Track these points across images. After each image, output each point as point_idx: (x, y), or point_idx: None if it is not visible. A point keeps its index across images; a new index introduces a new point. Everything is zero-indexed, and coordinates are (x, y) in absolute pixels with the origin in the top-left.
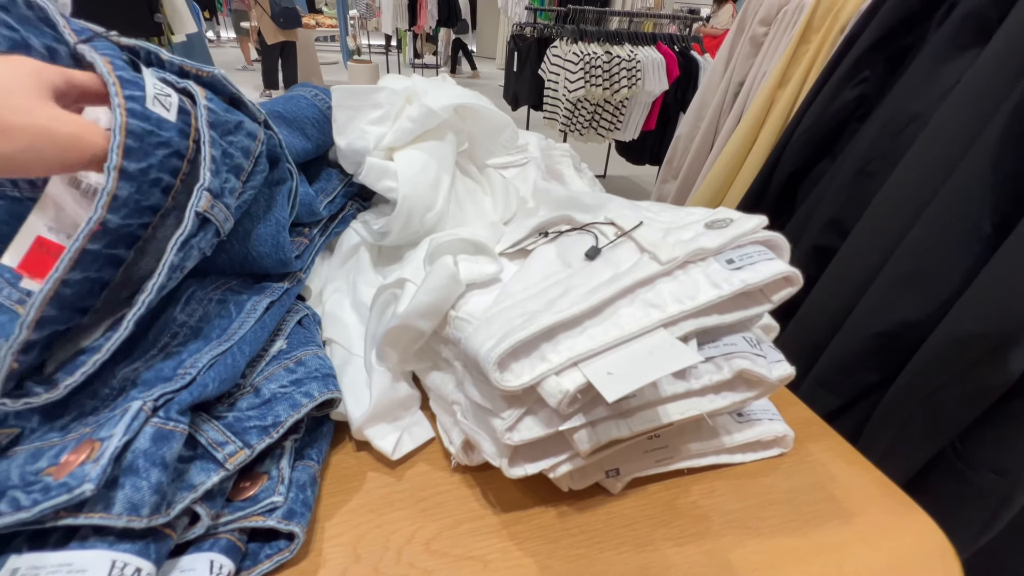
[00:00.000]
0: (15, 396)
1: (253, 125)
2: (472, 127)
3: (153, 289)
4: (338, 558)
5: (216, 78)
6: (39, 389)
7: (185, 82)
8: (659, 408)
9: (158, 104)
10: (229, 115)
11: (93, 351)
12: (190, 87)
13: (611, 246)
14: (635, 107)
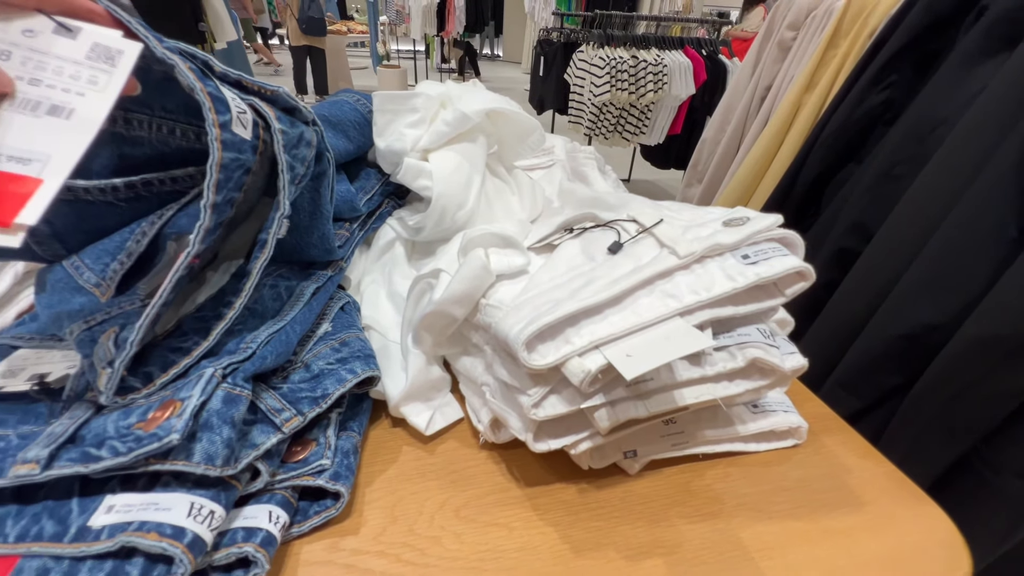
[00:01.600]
0: (120, 392)
1: (309, 132)
2: (502, 130)
3: (240, 307)
4: (377, 518)
5: (279, 94)
6: (137, 383)
7: (250, 98)
8: (675, 392)
9: (239, 124)
10: (293, 129)
11: (183, 352)
12: (258, 106)
13: (632, 241)
14: (661, 111)
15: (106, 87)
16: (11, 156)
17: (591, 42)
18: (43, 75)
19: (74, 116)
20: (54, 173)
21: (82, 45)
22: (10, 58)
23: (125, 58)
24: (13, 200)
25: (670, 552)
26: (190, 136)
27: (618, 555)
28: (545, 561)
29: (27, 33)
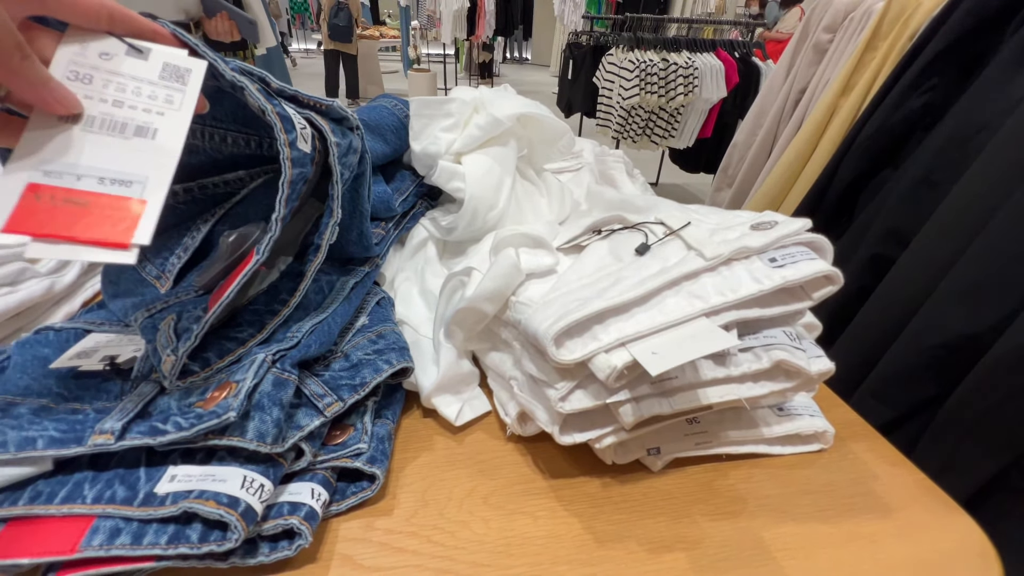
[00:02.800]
0: (181, 376)
1: (356, 140)
2: (532, 134)
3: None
4: (409, 501)
5: (332, 107)
6: (196, 367)
7: (307, 112)
8: (699, 391)
9: (302, 140)
10: (344, 139)
11: (239, 342)
12: (315, 120)
13: (660, 243)
14: (691, 114)
15: (181, 106)
16: (114, 179)
17: (621, 45)
18: (124, 96)
19: (158, 136)
20: (154, 193)
21: (153, 65)
22: (92, 81)
23: (194, 76)
24: (126, 222)
25: (691, 548)
26: (240, 143)
27: (640, 548)
28: (569, 550)
29: (104, 56)
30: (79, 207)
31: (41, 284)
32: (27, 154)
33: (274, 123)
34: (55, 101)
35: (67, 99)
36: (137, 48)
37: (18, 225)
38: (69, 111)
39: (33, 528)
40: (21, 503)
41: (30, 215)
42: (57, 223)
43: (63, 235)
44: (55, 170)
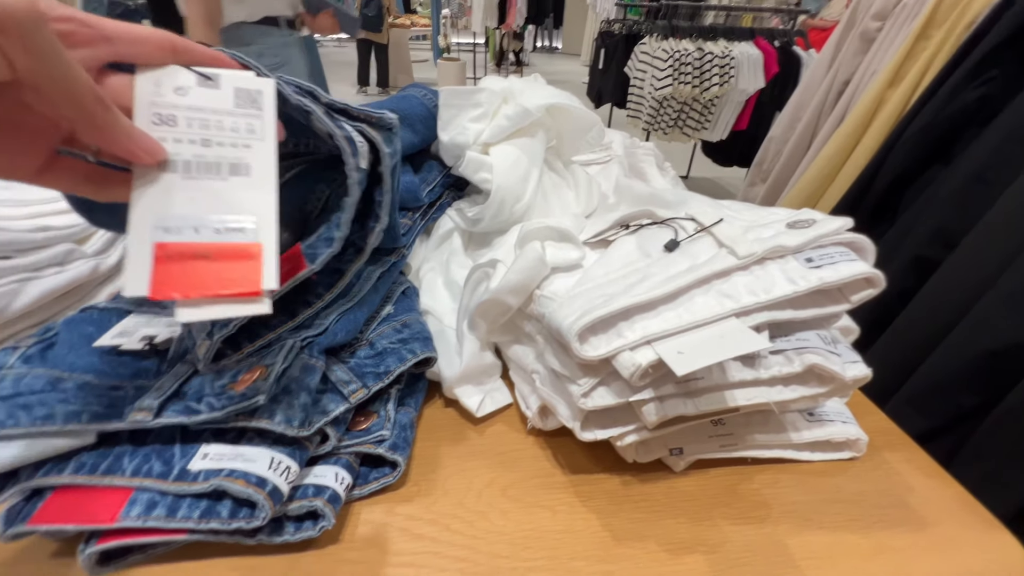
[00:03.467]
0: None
1: (399, 143)
2: (561, 125)
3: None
4: (429, 488)
5: (383, 118)
6: (228, 351)
7: (360, 125)
8: (726, 392)
9: (363, 159)
10: (391, 148)
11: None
12: (368, 133)
13: (690, 240)
14: (726, 106)
15: (264, 135)
16: (228, 227)
17: (655, 34)
18: (210, 133)
19: (252, 171)
20: (266, 235)
21: (226, 93)
22: (176, 122)
23: (266, 99)
24: (251, 269)
25: (712, 550)
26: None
27: (659, 547)
28: (587, 545)
29: (179, 91)
30: (205, 261)
31: (87, 264)
32: (143, 212)
33: (343, 148)
34: (143, 152)
35: (153, 148)
36: (207, 76)
37: (160, 289)
38: (156, 159)
39: (77, 497)
40: (67, 473)
41: (167, 277)
42: (193, 281)
43: (202, 293)
44: (172, 226)
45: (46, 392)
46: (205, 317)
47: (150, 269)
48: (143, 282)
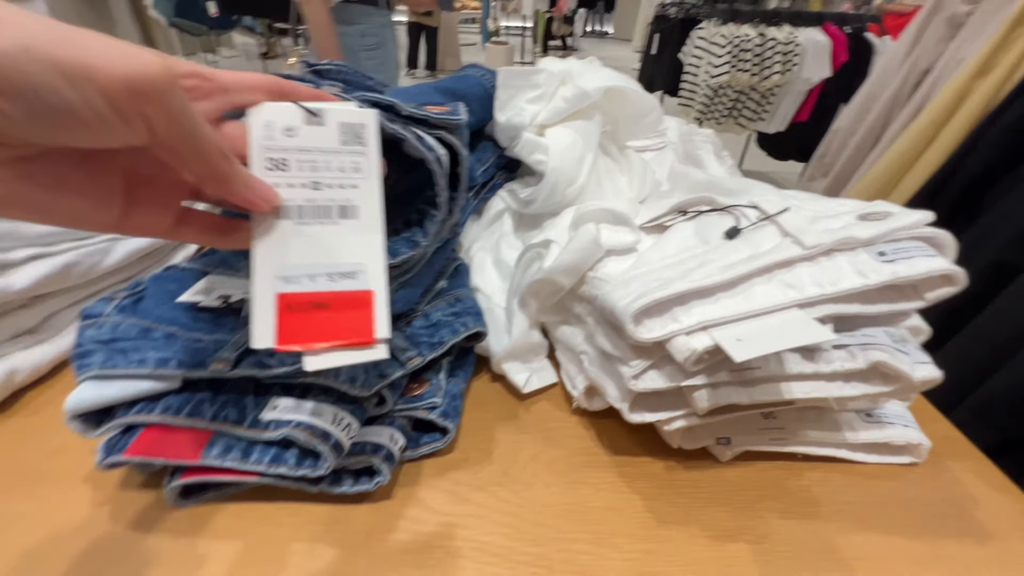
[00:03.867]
0: None
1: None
2: (618, 109)
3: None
4: (476, 458)
5: (460, 124)
6: None
7: (439, 132)
8: (782, 384)
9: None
10: (466, 149)
11: None
12: (448, 140)
13: (752, 228)
14: (786, 95)
15: (369, 173)
16: (341, 273)
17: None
18: (319, 175)
19: (361, 213)
20: (376, 281)
21: (332, 130)
22: (288, 166)
23: (369, 132)
24: (365, 317)
25: (757, 541)
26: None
27: (702, 533)
28: (629, 524)
29: (288, 132)
30: (323, 309)
31: None
32: (263, 263)
33: (435, 171)
34: (261, 200)
35: (270, 196)
36: (313, 112)
37: (287, 339)
38: (272, 205)
39: (164, 435)
40: (156, 413)
41: (289, 328)
42: (313, 331)
43: (323, 342)
44: (291, 275)
45: (139, 339)
46: (328, 365)
47: (275, 321)
48: (269, 334)
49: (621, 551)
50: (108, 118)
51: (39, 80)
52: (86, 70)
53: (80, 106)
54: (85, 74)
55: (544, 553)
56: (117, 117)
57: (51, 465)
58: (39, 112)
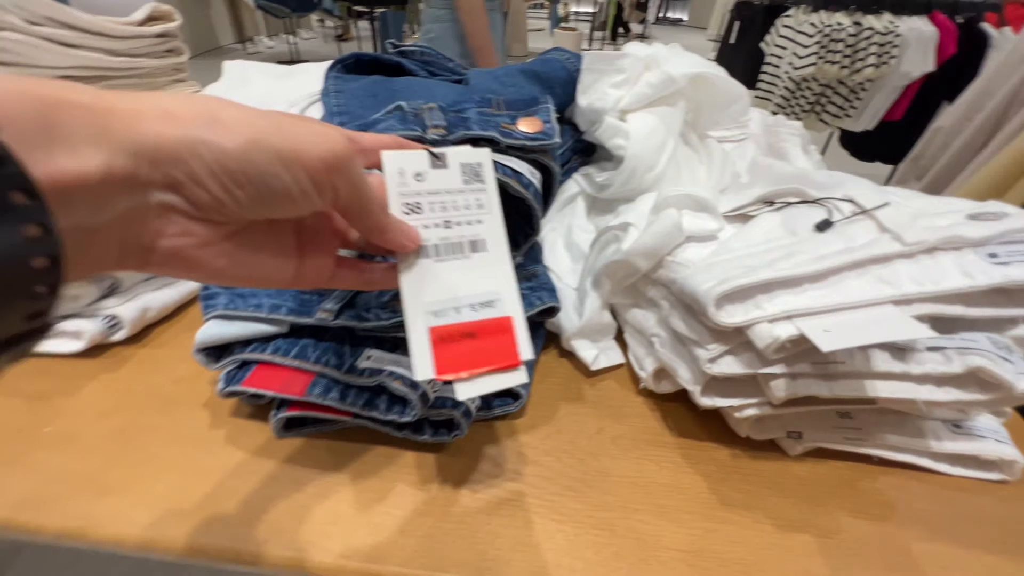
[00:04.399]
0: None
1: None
2: (703, 97)
3: None
4: (544, 426)
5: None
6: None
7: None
8: (867, 381)
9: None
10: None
11: None
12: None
13: (846, 222)
14: (879, 91)
15: (491, 207)
16: (482, 303)
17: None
18: (449, 215)
19: (488, 246)
20: (513, 308)
21: (454, 172)
22: (422, 209)
23: (486, 170)
24: (507, 343)
25: (824, 535)
26: None
27: (767, 520)
28: (691, 502)
29: (418, 177)
30: (471, 338)
31: None
32: (413, 300)
33: (533, 207)
34: (408, 241)
35: (415, 236)
36: (437, 156)
37: (444, 369)
38: (417, 245)
39: (274, 372)
40: (267, 352)
41: (445, 359)
42: (465, 360)
43: (475, 370)
44: (438, 309)
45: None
46: (478, 392)
47: (431, 354)
48: (429, 367)
49: (683, 526)
50: (310, 192)
51: (265, 168)
52: (297, 155)
53: (291, 185)
54: (296, 158)
55: (608, 518)
56: (315, 190)
57: (177, 390)
58: (263, 194)
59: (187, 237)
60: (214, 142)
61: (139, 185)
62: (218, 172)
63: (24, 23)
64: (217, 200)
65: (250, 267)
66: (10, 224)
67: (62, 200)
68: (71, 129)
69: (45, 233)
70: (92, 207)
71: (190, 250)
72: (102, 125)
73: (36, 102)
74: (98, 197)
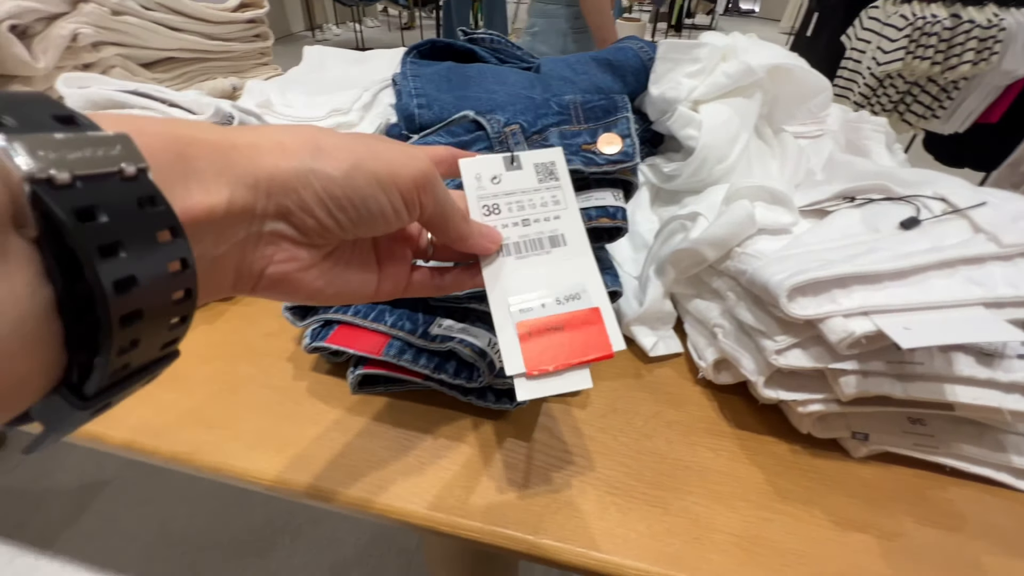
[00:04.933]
0: None
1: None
2: (781, 89)
3: None
4: (600, 405)
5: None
6: None
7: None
8: (947, 385)
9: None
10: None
11: None
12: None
13: (935, 220)
14: (974, 90)
15: (567, 203)
16: (566, 297)
17: None
18: (526, 213)
19: (568, 240)
20: (599, 298)
21: (528, 172)
22: (500, 210)
23: (559, 167)
24: (598, 334)
25: (886, 538)
26: None
27: (826, 518)
28: (748, 491)
29: (495, 180)
30: (558, 332)
31: None
32: (498, 298)
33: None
34: (490, 243)
35: (496, 237)
36: (512, 159)
37: (534, 364)
38: (498, 245)
39: (354, 333)
40: (348, 314)
41: (534, 352)
42: (556, 353)
43: (566, 363)
44: (524, 306)
45: None
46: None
47: (519, 348)
48: (519, 362)
49: (737, 512)
50: (401, 211)
51: (366, 192)
52: (393, 177)
53: (387, 205)
54: (392, 181)
55: (662, 496)
56: (406, 208)
57: (266, 343)
58: (362, 216)
59: (292, 262)
60: (323, 171)
61: (256, 216)
62: (325, 199)
63: (141, 8)
64: (322, 225)
65: (340, 284)
66: (158, 262)
67: (194, 233)
68: (202, 166)
69: (184, 267)
70: (216, 238)
71: (294, 274)
72: (227, 161)
73: (175, 142)
74: (222, 229)
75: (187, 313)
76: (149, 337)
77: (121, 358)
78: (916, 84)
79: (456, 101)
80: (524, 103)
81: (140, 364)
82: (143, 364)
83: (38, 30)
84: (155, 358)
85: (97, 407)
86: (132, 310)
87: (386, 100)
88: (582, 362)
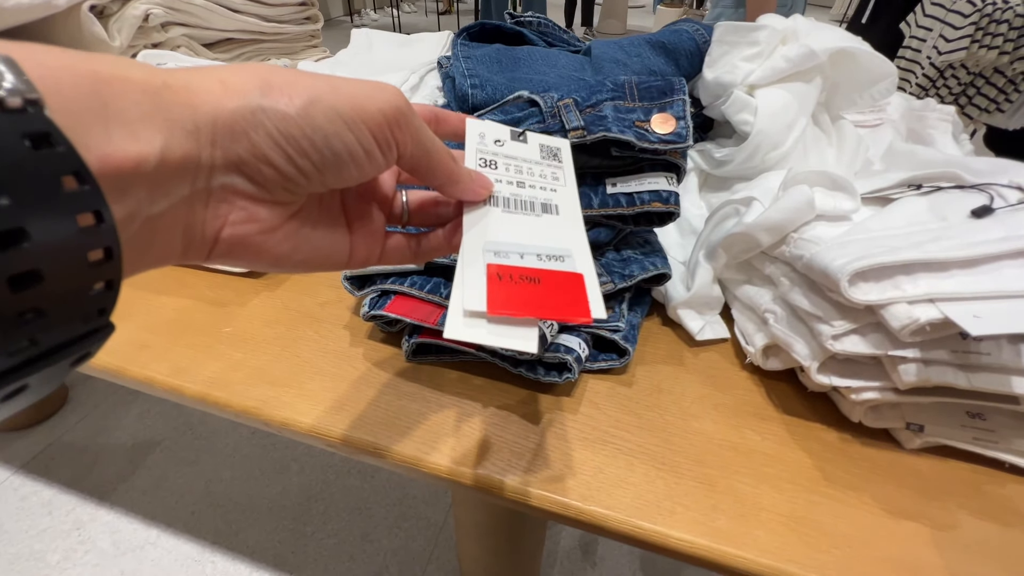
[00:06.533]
0: None
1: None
2: (843, 74)
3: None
4: (646, 385)
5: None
6: None
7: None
8: (1015, 377)
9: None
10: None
11: None
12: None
13: (1010, 209)
14: None
15: (566, 182)
16: (549, 255)
17: None
18: (523, 177)
19: (561, 211)
20: (584, 266)
21: (533, 147)
22: (496, 167)
23: (564, 154)
24: (578, 296)
25: (939, 529)
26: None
27: (875, 504)
28: (795, 475)
29: (498, 143)
30: (534, 283)
31: None
32: (473, 238)
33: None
34: (481, 188)
35: (487, 184)
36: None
37: (496, 306)
38: (489, 192)
39: (410, 303)
40: (405, 285)
41: (501, 295)
42: (527, 302)
43: (534, 313)
44: (501, 250)
45: None
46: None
47: (485, 287)
48: (481, 299)
49: (784, 493)
50: (373, 150)
51: (328, 130)
52: (357, 111)
53: (355, 145)
54: (357, 114)
55: (708, 474)
56: (378, 148)
57: (322, 311)
58: (328, 160)
59: (252, 223)
60: (274, 109)
61: (201, 168)
62: (281, 142)
63: None
64: (282, 174)
65: (309, 250)
66: (63, 213)
67: (118, 186)
68: (125, 106)
69: (99, 222)
70: (151, 193)
71: (255, 237)
72: (157, 103)
73: (88, 78)
74: (158, 183)
75: (112, 278)
76: (58, 306)
77: (22, 330)
78: (980, 75)
79: (508, 82)
80: (576, 84)
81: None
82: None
83: (114, 11)
84: (80, 333)
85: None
86: (23, 271)
87: (432, 83)
88: (556, 318)
